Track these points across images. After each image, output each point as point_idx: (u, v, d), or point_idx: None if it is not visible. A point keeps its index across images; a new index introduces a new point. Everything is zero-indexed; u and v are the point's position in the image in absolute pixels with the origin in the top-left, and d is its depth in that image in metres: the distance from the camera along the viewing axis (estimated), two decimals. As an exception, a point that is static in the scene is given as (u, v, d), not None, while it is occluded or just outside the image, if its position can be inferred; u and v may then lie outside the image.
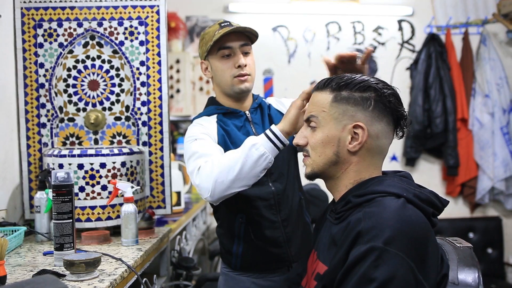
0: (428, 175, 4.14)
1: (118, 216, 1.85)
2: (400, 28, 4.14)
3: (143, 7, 2.07)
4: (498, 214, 4.17)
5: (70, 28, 2.05)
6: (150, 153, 2.07)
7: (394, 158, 4.12)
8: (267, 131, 1.53)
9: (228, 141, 1.73)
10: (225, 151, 1.67)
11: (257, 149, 1.49)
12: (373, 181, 1.26)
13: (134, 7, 2.06)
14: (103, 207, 1.83)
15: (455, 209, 4.13)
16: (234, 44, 1.76)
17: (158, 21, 2.07)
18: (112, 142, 2.07)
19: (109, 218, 1.84)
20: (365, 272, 1.06)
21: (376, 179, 1.26)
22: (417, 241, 1.11)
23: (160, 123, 2.07)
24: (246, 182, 1.52)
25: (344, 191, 1.30)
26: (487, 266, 3.93)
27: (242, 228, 1.75)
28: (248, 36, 1.80)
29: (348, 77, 1.28)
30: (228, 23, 1.77)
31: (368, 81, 1.26)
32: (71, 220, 1.47)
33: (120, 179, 1.84)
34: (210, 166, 1.54)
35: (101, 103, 2.07)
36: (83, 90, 2.07)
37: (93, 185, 1.82)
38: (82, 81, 2.07)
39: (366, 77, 1.28)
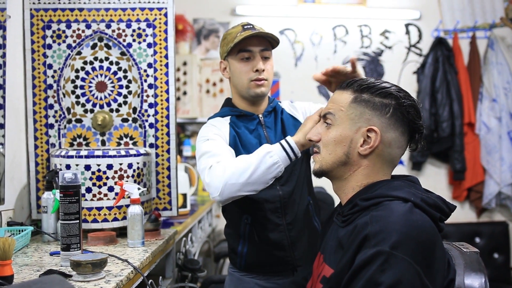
0: (435, 179, 4.12)
1: (124, 217, 1.85)
2: (407, 32, 4.13)
3: (151, 9, 2.07)
4: (505, 219, 4.15)
5: (78, 29, 2.06)
6: (157, 155, 2.07)
7: (400, 162, 4.09)
8: (283, 142, 1.56)
9: (239, 144, 1.75)
10: (235, 154, 1.69)
11: (271, 157, 1.52)
12: (381, 184, 1.26)
13: (142, 9, 2.07)
14: (109, 208, 1.84)
15: (462, 214, 4.12)
16: (254, 48, 1.77)
17: (166, 23, 2.08)
18: (119, 144, 2.08)
19: (115, 219, 1.85)
20: (371, 276, 1.05)
21: (384, 183, 1.26)
22: (424, 246, 1.11)
23: (167, 125, 2.08)
24: (256, 187, 1.54)
25: (351, 194, 1.29)
26: (494, 271, 3.90)
27: (247, 229, 1.77)
28: (269, 41, 1.81)
29: (371, 81, 1.28)
30: (251, 26, 1.79)
31: (390, 88, 1.26)
32: (78, 221, 1.48)
33: (127, 181, 1.85)
34: (223, 167, 1.56)
35: (108, 104, 2.08)
36: (90, 91, 2.08)
37: (100, 186, 1.83)
38: (90, 82, 2.08)
39: (389, 83, 1.28)
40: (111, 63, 2.08)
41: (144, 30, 2.07)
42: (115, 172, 1.84)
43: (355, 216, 1.22)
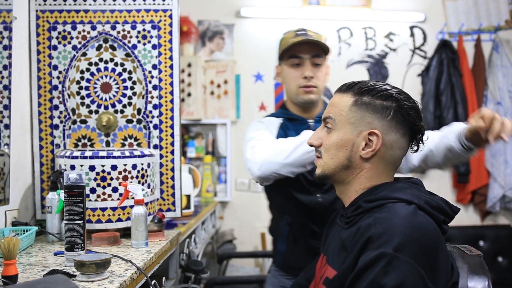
0: (439, 182, 4.11)
1: (128, 218, 1.86)
2: (412, 34, 4.13)
3: (156, 11, 2.08)
4: (509, 222, 4.13)
5: (84, 31, 2.07)
6: (161, 156, 2.08)
7: (404, 164, 4.10)
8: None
9: None
10: None
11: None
12: (384, 186, 1.26)
13: (147, 11, 2.08)
14: (113, 208, 1.85)
15: (466, 217, 4.10)
16: (304, 54, 1.80)
17: (170, 25, 2.09)
18: (123, 145, 2.08)
19: (119, 219, 1.85)
20: (374, 278, 1.06)
21: (387, 185, 1.27)
22: (428, 248, 1.11)
23: (171, 127, 2.09)
24: (293, 170, 1.59)
25: (354, 196, 1.30)
26: (498, 275, 3.89)
27: (286, 229, 1.82)
28: (322, 47, 1.83)
29: (372, 83, 1.28)
30: (304, 32, 1.81)
31: (390, 91, 1.26)
32: (82, 221, 1.48)
33: (131, 182, 1.86)
34: (265, 145, 1.65)
35: (113, 105, 2.09)
36: (95, 92, 2.09)
37: (104, 187, 1.83)
38: (95, 83, 2.09)
39: (389, 86, 1.28)
40: (116, 64, 2.09)
41: (149, 32, 2.08)
42: (119, 173, 1.85)
43: (358, 218, 1.22)
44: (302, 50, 1.79)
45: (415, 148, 1.30)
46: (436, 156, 1.64)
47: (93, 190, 1.83)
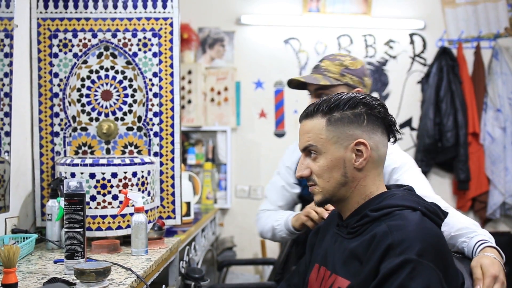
0: (439, 189, 4.11)
1: (128, 226, 1.86)
2: (412, 42, 4.14)
3: (157, 19, 2.09)
4: (510, 229, 4.13)
5: (85, 38, 2.08)
6: (161, 164, 2.08)
7: (404, 171, 4.10)
8: (287, 222, 1.87)
9: None
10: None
11: (279, 232, 1.92)
12: (385, 195, 1.28)
13: (148, 19, 2.09)
14: (113, 216, 1.85)
15: (466, 224, 4.09)
16: (310, 87, 1.92)
17: (171, 33, 2.10)
18: (123, 152, 2.09)
19: (119, 227, 1.85)
20: (401, 283, 1.08)
21: (388, 193, 1.29)
22: (441, 252, 1.16)
23: (172, 134, 2.09)
24: (281, 241, 2.21)
25: (356, 207, 1.31)
26: (498, 282, 3.88)
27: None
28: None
29: (335, 97, 1.31)
30: (318, 64, 1.93)
31: (356, 98, 1.29)
32: (82, 229, 1.48)
33: (131, 189, 1.86)
34: (259, 221, 2.10)
35: (113, 113, 2.09)
36: (96, 100, 2.09)
37: (104, 195, 1.84)
38: (96, 91, 2.09)
39: (351, 94, 1.31)
40: (116, 72, 2.10)
41: (149, 40, 2.09)
42: (120, 180, 1.85)
43: (366, 227, 1.24)
44: (308, 84, 1.90)
45: (393, 140, 1.34)
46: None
47: (93, 198, 1.83)
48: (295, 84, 1.94)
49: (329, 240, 1.39)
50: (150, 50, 2.09)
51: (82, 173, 1.83)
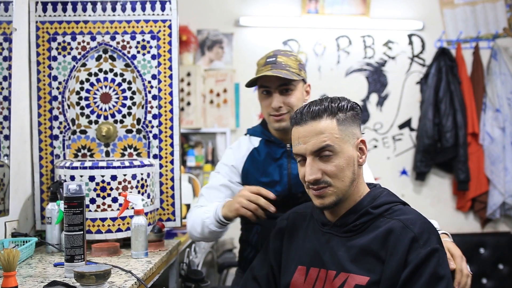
0: (439, 189, 4.12)
1: (128, 228, 1.86)
2: (411, 42, 4.14)
3: (155, 21, 2.09)
4: (510, 229, 4.13)
5: (83, 41, 2.08)
6: (161, 166, 2.08)
7: (404, 172, 4.10)
8: (216, 213, 1.67)
9: (254, 172, 1.83)
10: (256, 181, 1.80)
11: (209, 224, 1.69)
12: (374, 192, 1.37)
13: (146, 21, 2.09)
14: (113, 219, 1.85)
15: (466, 224, 4.10)
16: (271, 84, 1.78)
17: (170, 35, 2.10)
18: (123, 155, 2.09)
19: (119, 230, 1.85)
20: (433, 271, 1.20)
21: (377, 191, 1.38)
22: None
23: (171, 136, 2.09)
24: (210, 240, 1.87)
25: (352, 205, 1.35)
26: (498, 282, 3.88)
27: (255, 238, 1.85)
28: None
29: (332, 99, 1.36)
30: (272, 60, 1.78)
31: (349, 100, 1.37)
32: (82, 232, 1.48)
33: (131, 192, 1.86)
34: (189, 218, 1.82)
35: (113, 115, 2.09)
36: (95, 103, 2.09)
37: (104, 197, 1.83)
38: (95, 94, 2.09)
39: (342, 97, 1.38)
40: (115, 74, 2.10)
41: (148, 42, 2.09)
42: (119, 183, 1.85)
43: (369, 224, 1.31)
44: (269, 80, 1.78)
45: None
46: None
47: (93, 201, 1.83)
48: (252, 81, 1.83)
49: (314, 240, 1.39)
50: (149, 52, 2.09)
51: (81, 176, 1.83)
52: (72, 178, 1.84)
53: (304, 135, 1.33)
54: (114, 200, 1.84)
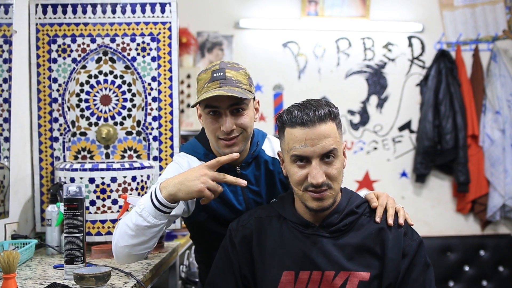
0: (438, 191, 4.11)
1: (128, 230, 1.85)
2: (410, 45, 4.14)
3: (155, 23, 2.10)
4: (510, 231, 4.12)
5: (83, 44, 2.08)
6: (161, 168, 2.08)
7: (404, 174, 4.10)
8: (154, 198, 1.38)
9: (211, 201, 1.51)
10: (207, 211, 1.59)
11: (147, 217, 1.38)
12: (346, 192, 1.45)
13: (146, 23, 2.09)
14: (113, 221, 1.85)
15: (466, 226, 4.09)
16: (220, 103, 1.49)
17: (170, 37, 2.10)
18: (123, 157, 2.09)
19: (119, 232, 1.85)
20: (424, 261, 1.36)
21: (348, 191, 1.46)
22: None
23: (171, 138, 2.09)
24: (145, 246, 1.44)
25: (334, 206, 1.38)
26: (499, 284, 3.87)
27: None
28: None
29: (326, 103, 1.38)
30: (220, 75, 1.49)
31: (336, 108, 1.40)
32: (82, 234, 1.48)
33: (131, 194, 1.86)
34: (115, 232, 1.45)
35: (112, 117, 2.09)
36: (95, 105, 2.09)
37: (103, 199, 1.84)
38: (95, 96, 2.09)
39: (327, 101, 1.43)
40: (115, 76, 2.10)
41: (148, 44, 2.09)
42: (119, 185, 1.85)
43: (355, 223, 1.39)
44: (218, 100, 1.48)
45: None
46: None
47: (92, 203, 1.83)
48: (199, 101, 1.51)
49: (299, 243, 1.37)
50: (148, 54, 2.09)
51: (81, 178, 1.83)
52: (72, 180, 1.84)
53: (312, 137, 1.30)
54: (114, 202, 1.85)
